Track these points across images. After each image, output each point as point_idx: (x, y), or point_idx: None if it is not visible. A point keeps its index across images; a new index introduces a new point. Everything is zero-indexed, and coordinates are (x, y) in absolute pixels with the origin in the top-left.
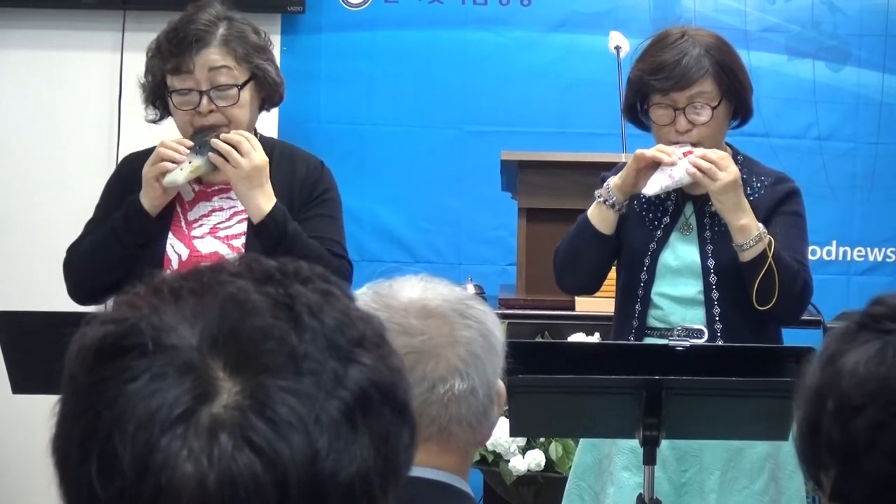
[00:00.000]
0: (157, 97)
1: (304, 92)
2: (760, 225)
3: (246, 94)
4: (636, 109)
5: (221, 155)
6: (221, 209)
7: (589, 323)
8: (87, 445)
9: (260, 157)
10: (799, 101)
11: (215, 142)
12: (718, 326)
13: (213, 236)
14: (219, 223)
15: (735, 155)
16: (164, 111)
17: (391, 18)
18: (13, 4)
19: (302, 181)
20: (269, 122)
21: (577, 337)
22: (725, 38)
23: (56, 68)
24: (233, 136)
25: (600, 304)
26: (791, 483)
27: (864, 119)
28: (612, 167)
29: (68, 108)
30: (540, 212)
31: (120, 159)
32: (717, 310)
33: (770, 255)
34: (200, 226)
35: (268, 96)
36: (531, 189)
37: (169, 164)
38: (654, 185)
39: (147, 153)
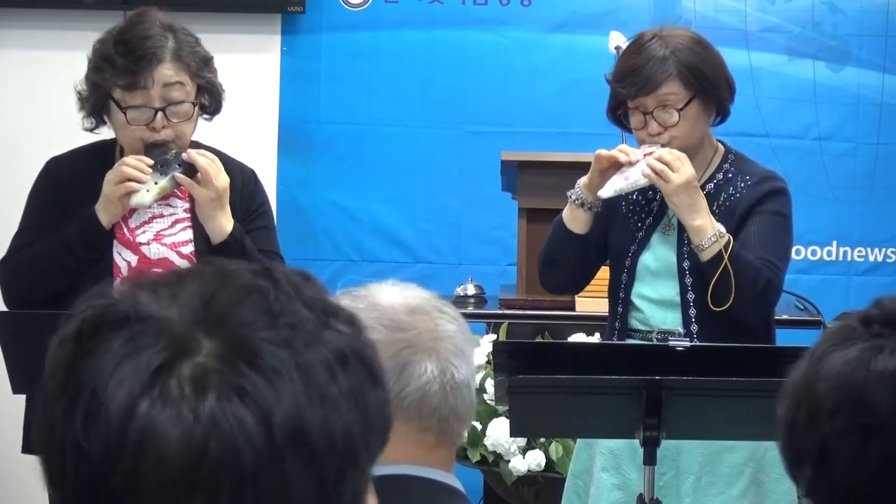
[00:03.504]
0: (98, 108)
1: (304, 92)
2: (718, 225)
3: (195, 108)
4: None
5: (185, 174)
6: (162, 216)
7: (589, 323)
8: (71, 411)
9: (225, 178)
10: (799, 101)
11: (200, 162)
12: (695, 328)
13: (158, 243)
14: (162, 230)
15: (727, 154)
16: (100, 120)
17: (391, 19)
18: (13, 4)
19: (240, 192)
20: (269, 122)
21: (577, 337)
22: (704, 38)
23: (56, 68)
24: (203, 158)
25: (600, 304)
26: (779, 486)
27: (865, 119)
28: None
29: (68, 109)
30: (540, 212)
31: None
32: (692, 311)
33: (726, 256)
34: (144, 232)
35: (210, 106)
36: (531, 189)
37: (136, 185)
38: (609, 188)
39: (72, 156)
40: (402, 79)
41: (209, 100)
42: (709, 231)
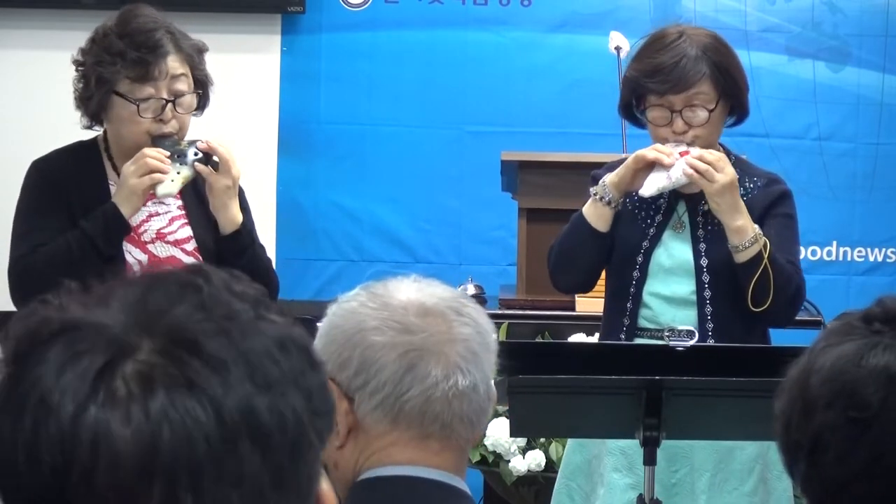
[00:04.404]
0: (102, 105)
1: (304, 92)
2: (756, 226)
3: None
4: (632, 106)
5: (204, 163)
6: (158, 214)
7: (589, 323)
8: (19, 422)
9: (238, 168)
10: (799, 101)
11: (220, 151)
12: (710, 325)
13: (163, 241)
14: (161, 228)
15: (728, 155)
16: (96, 118)
17: (391, 19)
18: (13, 4)
19: None
20: (269, 122)
21: (577, 337)
22: (723, 37)
23: (56, 68)
24: (222, 147)
25: (601, 304)
26: (779, 483)
27: (865, 119)
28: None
29: (68, 109)
30: (540, 212)
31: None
32: (709, 309)
33: (765, 257)
34: (145, 231)
35: (201, 100)
36: (531, 189)
37: (161, 176)
38: (651, 186)
39: (59, 157)
40: (402, 79)
41: (201, 93)
42: (749, 232)
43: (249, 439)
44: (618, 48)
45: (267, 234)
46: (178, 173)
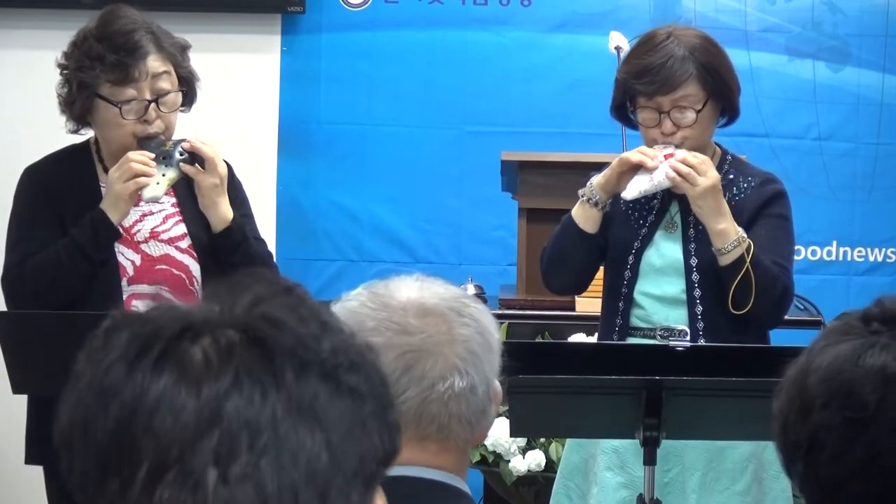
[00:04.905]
0: (86, 109)
1: (304, 92)
2: (740, 229)
3: (180, 97)
4: (625, 108)
5: (190, 163)
6: (151, 213)
7: (589, 323)
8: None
9: (224, 165)
10: (799, 101)
11: (205, 150)
12: (700, 325)
13: (156, 240)
14: (155, 227)
15: (724, 155)
16: (82, 122)
17: (391, 19)
18: (13, 4)
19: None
20: (268, 122)
21: (577, 337)
22: (713, 37)
23: (56, 68)
24: (206, 146)
25: (600, 304)
26: (776, 483)
27: (865, 119)
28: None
29: None
30: (540, 212)
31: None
32: (699, 308)
33: (748, 260)
34: (138, 231)
35: (187, 97)
36: (531, 189)
37: (147, 180)
38: (634, 189)
39: (50, 162)
40: (402, 79)
41: (187, 90)
42: (732, 235)
43: (311, 421)
44: (618, 48)
45: (267, 234)
46: (164, 175)
